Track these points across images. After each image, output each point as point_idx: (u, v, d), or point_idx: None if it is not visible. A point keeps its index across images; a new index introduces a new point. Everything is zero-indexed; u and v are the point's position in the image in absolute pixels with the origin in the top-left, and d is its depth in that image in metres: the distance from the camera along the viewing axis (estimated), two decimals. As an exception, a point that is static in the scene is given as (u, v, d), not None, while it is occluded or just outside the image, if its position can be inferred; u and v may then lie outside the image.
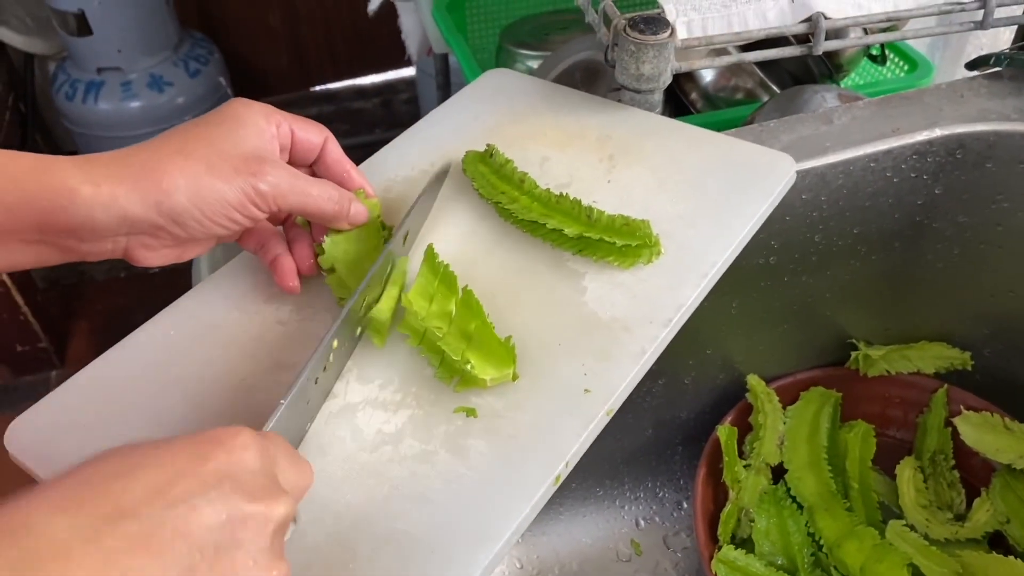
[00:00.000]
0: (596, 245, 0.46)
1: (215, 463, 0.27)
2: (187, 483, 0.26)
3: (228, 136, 0.41)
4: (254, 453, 0.28)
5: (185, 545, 0.25)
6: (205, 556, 0.25)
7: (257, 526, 0.27)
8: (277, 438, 0.32)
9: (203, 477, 0.26)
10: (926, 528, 0.63)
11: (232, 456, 0.28)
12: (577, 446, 0.38)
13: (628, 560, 0.70)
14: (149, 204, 0.38)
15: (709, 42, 0.58)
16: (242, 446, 0.28)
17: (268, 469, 0.29)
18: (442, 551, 0.34)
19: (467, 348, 0.40)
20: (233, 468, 0.27)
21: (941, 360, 0.70)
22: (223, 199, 0.39)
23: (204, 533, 0.26)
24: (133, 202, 0.37)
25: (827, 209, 0.60)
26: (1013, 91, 0.62)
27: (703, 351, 0.67)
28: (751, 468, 0.65)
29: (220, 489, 0.26)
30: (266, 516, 0.27)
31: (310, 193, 0.42)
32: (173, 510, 0.25)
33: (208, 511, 0.26)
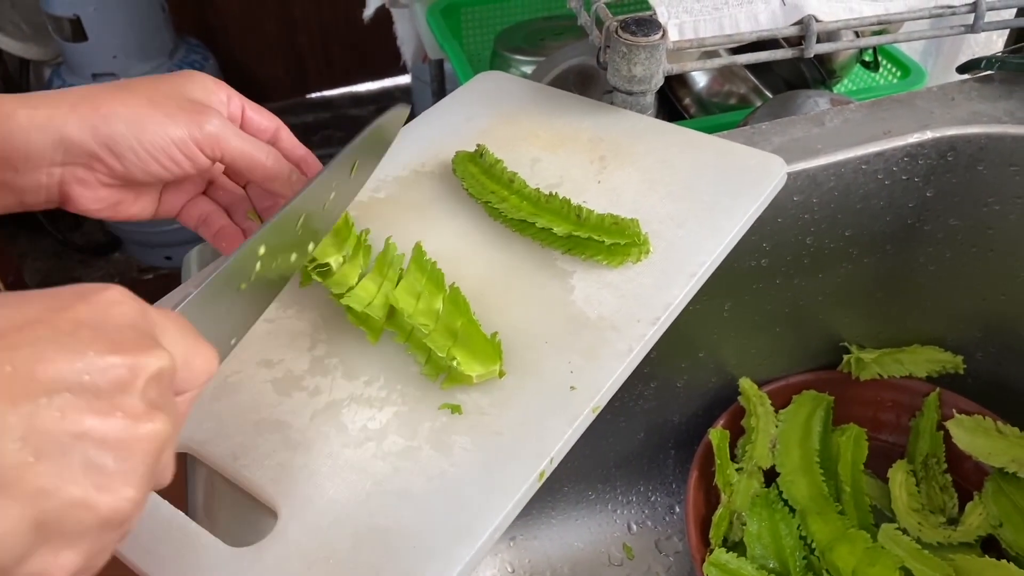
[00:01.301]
0: (585, 244, 0.46)
1: (73, 312, 0.24)
2: (37, 329, 0.23)
3: (175, 84, 0.40)
4: (126, 309, 0.25)
5: (26, 387, 0.22)
6: (55, 401, 0.22)
7: (122, 374, 0.24)
8: (173, 314, 0.29)
9: (56, 324, 0.23)
10: (918, 532, 0.62)
11: (96, 308, 0.25)
12: (562, 443, 0.38)
13: (620, 564, 0.70)
14: (85, 127, 0.37)
15: (701, 44, 0.58)
16: (109, 300, 0.25)
17: (142, 327, 0.26)
18: (424, 546, 0.34)
19: (453, 345, 0.40)
20: (97, 319, 0.24)
21: (933, 364, 0.70)
22: (164, 133, 0.38)
23: (53, 377, 0.22)
24: (70, 124, 0.37)
25: (819, 211, 0.60)
26: (1004, 94, 0.62)
27: (695, 354, 0.67)
28: (743, 471, 0.65)
29: (75, 336, 0.23)
30: (134, 365, 0.24)
31: (254, 144, 0.41)
32: (15, 352, 0.22)
33: (58, 356, 0.23)
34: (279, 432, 0.39)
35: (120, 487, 0.23)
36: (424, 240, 0.47)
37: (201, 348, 0.29)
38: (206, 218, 0.44)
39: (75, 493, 0.22)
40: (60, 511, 0.22)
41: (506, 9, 1.15)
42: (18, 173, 0.37)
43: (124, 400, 0.24)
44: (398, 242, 0.47)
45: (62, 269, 1.71)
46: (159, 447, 0.25)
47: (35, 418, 0.22)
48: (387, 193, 0.52)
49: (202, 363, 0.28)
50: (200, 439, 0.39)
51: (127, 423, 0.24)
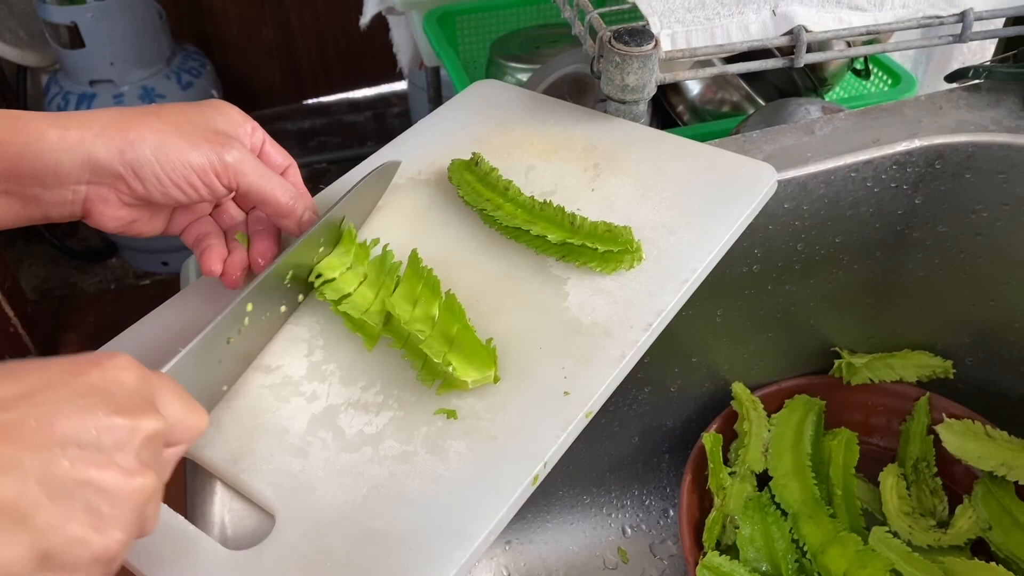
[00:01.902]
0: (579, 251, 0.47)
1: (88, 377, 0.28)
2: (57, 390, 0.27)
3: (203, 113, 0.42)
4: (130, 375, 0.29)
5: (46, 439, 0.26)
6: (67, 453, 0.26)
7: (122, 435, 0.28)
8: (167, 378, 0.33)
9: (74, 387, 0.28)
10: (909, 535, 0.63)
11: (107, 373, 0.29)
12: (556, 447, 0.38)
13: (615, 568, 0.71)
14: (113, 150, 0.39)
15: (693, 54, 0.59)
16: (118, 366, 0.29)
17: (144, 392, 0.30)
18: (419, 549, 0.35)
19: (449, 351, 0.41)
20: (106, 384, 0.28)
21: (923, 368, 0.70)
22: (187, 161, 0.40)
23: (68, 433, 0.27)
24: (98, 146, 0.39)
25: (809, 218, 0.60)
26: (991, 103, 0.63)
27: (689, 359, 0.67)
28: (736, 475, 0.65)
29: (89, 399, 0.28)
30: (133, 427, 0.28)
31: (270, 179, 0.43)
32: (39, 408, 0.26)
33: (73, 414, 0.27)
34: (277, 437, 0.40)
35: (111, 530, 0.27)
36: (420, 247, 0.48)
37: (193, 410, 0.33)
38: (203, 237, 0.46)
39: (75, 532, 0.26)
40: (62, 545, 0.26)
41: (502, 17, 1.16)
42: (46, 189, 0.40)
43: (121, 457, 0.28)
44: (395, 249, 0.47)
45: (59, 275, 1.71)
46: (146, 499, 0.29)
47: (50, 465, 0.26)
48: (384, 200, 0.53)
49: (193, 423, 0.33)
50: (199, 444, 0.39)
51: (122, 477, 0.28)
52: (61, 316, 1.61)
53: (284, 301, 0.44)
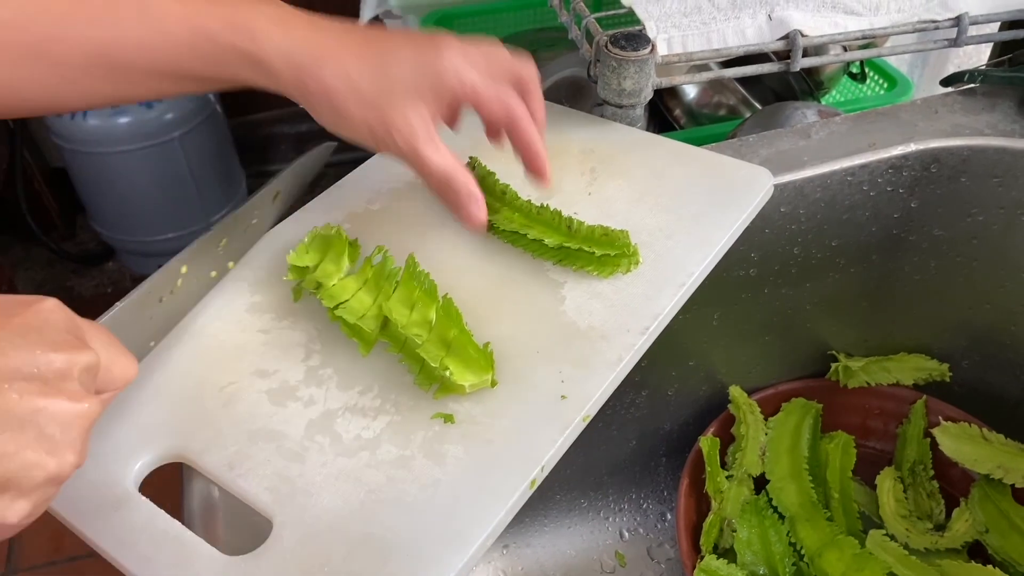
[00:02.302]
0: (576, 255, 0.47)
1: (20, 319, 0.30)
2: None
3: (409, 52, 0.43)
4: (60, 316, 0.31)
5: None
6: (14, 386, 0.28)
7: (63, 365, 0.30)
8: (97, 325, 0.34)
9: (10, 328, 0.29)
10: (906, 538, 0.63)
11: (38, 315, 0.30)
12: (553, 451, 0.38)
13: (612, 572, 0.71)
14: (311, 86, 0.42)
15: (689, 59, 0.59)
16: (48, 308, 0.31)
17: (75, 331, 0.31)
18: (417, 554, 0.35)
19: (446, 355, 0.41)
20: (40, 324, 0.30)
21: (920, 371, 0.71)
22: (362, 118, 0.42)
23: (11, 367, 0.28)
24: (294, 86, 0.42)
25: (805, 222, 0.61)
26: (987, 107, 0.63)
27: (686, 363, 0.67)
28: (733, 479, 0.65)
29: (26, 337, 0.29)
30: (71, 359, 0.30)
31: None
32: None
33: (13, 352, 0.29)
34: (274, 442, 0.40)
35: (64, 452, 0.29)
36: (417, 250, 0.48)
37: (122, 356, 0.34)
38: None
39: (30, 457, 0.28)
40: (17, 471, 0.28)
41: (499, 21, 1.16)
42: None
43: (65, 386, 0.30)
44: (392, 253, 0.47)
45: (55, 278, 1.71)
46: (91, 423, 0.31)
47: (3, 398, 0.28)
48: (381, 204, 0.53)
49: (121, 369, 0.34)
50: (196, 449, 0.39)
51: (69, 403, 0.29)
52: (58, 320, 1.61)
53: (215, 266, 0.46)
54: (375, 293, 0.45)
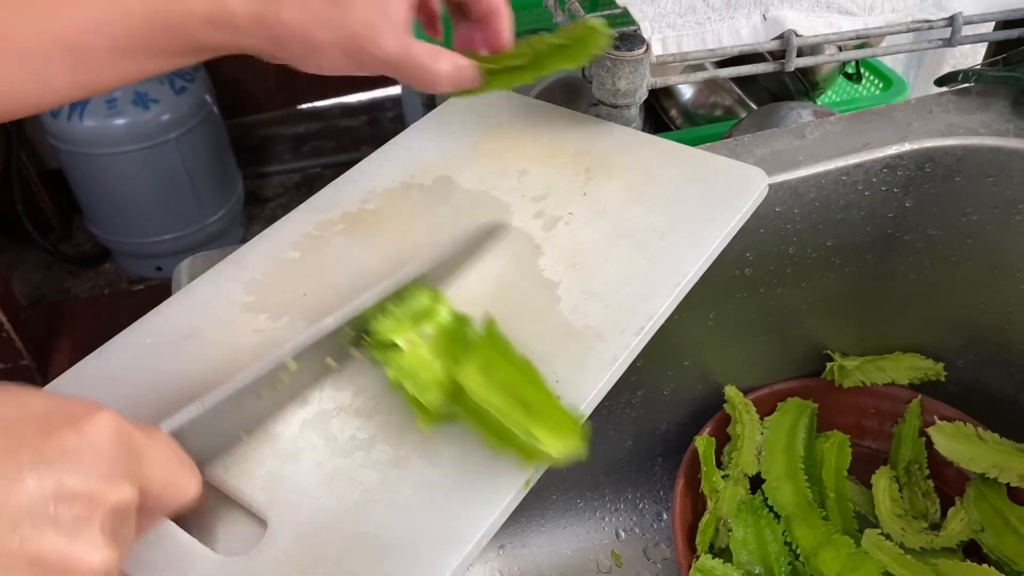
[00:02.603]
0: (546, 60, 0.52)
1: (59, 439, 0.26)
2: (20, 455, 0.25)
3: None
4: (109, 437, 0.27)
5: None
6: (17, 529, 0.24)
7: (84, 508, 0.26)
8: (162, 437, 0.31)
9: (41, 451, 0.26)
10: (901, 537, 0.63)
11: (81, 437, 0.27)
12: (548, 451, 0.38)
13: (608, 572, 0.71)
14: (274, 44, 0.43)
15: (684, 59, 0.59)
16: (98, 428, 0.27)
17: (122, 459, 0.28)
18: (412, 554, 0.35)
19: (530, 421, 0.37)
20: (79, 449, 0.26)
21: (915, 371, 0.71)
22: (331, 64, 0.44)
23: (21, 506, 0.24)
24: (259, 40, 0.42)
25: (800, 222, 0.61)
26: (981, 106, 0.63)
27: (681, 363, 0.67)
28: (729, 478, 0.66)
29: (54, 466, 0.25)
30: (98, 498, 0.26)
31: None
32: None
33: (32, 484, 0.25)
34: (269, 442, 0.39)
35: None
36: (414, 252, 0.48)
37: (181, 475, 0.31)
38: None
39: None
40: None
41: (495, 22, 1.16)
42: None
43: (80, 533, 0.26)
44: (386, 253, 0.47)
45: (52, 280, 1.71)
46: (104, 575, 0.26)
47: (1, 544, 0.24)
48: (375, 205, 0.53)
49: (177, 491, 0.31)
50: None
51: (77, 555, 0.25)
52: (54, 322, 1.61)
53: (332, 354, 0.41)
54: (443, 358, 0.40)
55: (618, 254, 0.48)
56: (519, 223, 0.51)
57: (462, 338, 0.42)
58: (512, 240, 0.50)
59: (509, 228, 0.50)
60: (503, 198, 0.53)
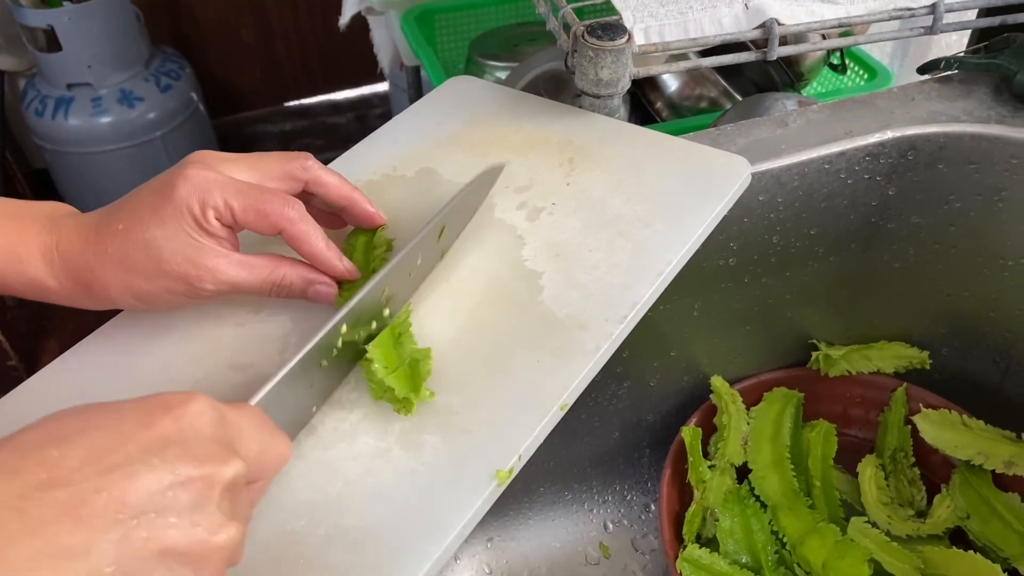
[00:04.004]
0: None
1: (160, 428, 0.26)
2: (127, 449, 0.25)
3: (165, 244, 0.39)
4: (207, 420, 0.28)
5: (119, 513, 0.24)
6: (142, 523, 0.25)
7: (201, 488, 0.26)
8: (251, 410, 0.32)
9: (146, 443, 0.26)
10: (888, 525, 0.63)
11: (181, 422, 0.27)
12: (530, 440, 0.38)
13: (597, 563, 0.71)
14: (104, 303, 0.41)
15: (666, 48, 0.59)
16: (194, 412, 0.28)
17: (222, 437, 0.28)
18: (394, 545, 0.34)
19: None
20: (182, 434, 0.27)
21: (900, 359, 0.71)
22: (168, 303, 0.41)
23: (142, 499, 0.25)
24: (90, 304, 0.41)
25: (784, 211, 0.61)
26: (963, 94, 0.63)
27: (667, 353, 0.67)
28: (716, 468, 0.66)
29: (163, 455, 0.26)
30: (211, 478, 0.27)
31: (248, 283, 0.42)
32: (108, 476, 0.25)
33: (147, 477, 0.25)
34: (250, 434, 0.39)
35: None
36: (393, 242, 0.48)
37: (275, 442, 0.32)
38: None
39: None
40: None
41: (480, 16, 1.16)
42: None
43: (201, 516, 0.26)
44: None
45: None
46: (231, 552, 0.27)
47: (125, 542, 0.24)
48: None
49: (274, 457, 0.32)
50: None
51: (204, 537, 0.26)
52: (41, 321, 1.60)
53: (375, 317, 0.42)
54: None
55: (601, 244, 0.48)
56: (502, 214, 0.51)
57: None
58: (495, 231, 0.50)
59: (502, 170, 0.52)
60: (486, 189, 0.53)
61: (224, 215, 0.40)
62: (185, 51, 1.78)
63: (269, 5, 1.90)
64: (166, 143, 1.62)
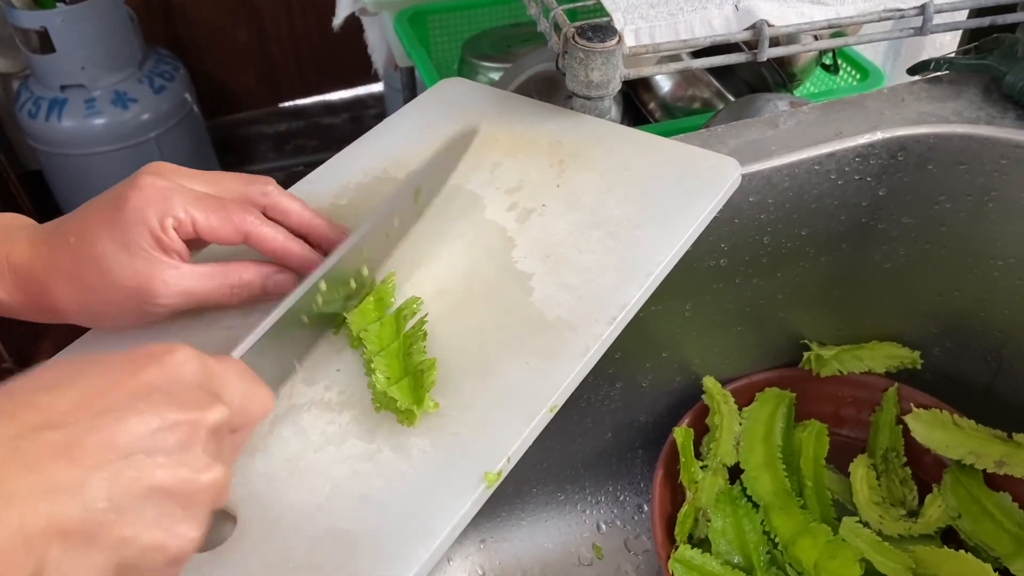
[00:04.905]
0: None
1: (147, 376, 0.28)
2: (116, 394, 0.27)
3: (115, 257, 0.38)
4: (191, 368, 0.29)
5: (109, 453, 0.26)
6: (132, 463, 0.26)
7: (186, 431, 0.27)
8: (233, 362, 0.33)
9: (133, 389, 0.27)
10: (879, 525, 0.63)
11: (166, 370, 0.28)
12: (520, 442, 0.38)
13: (590, 564, 0.71)
14: (54, 317, 0.40)
15: (656, 49, 0.59)
16: (178, 362, 0.29)
17: (206, 384, 0.29)
18: (382, 547, 0.34)
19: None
20: (167, 381, 0.28)
21: (892, 359, 0.71)
22: (118, 320, 0.41)
23: (130, 441, 0.26)
24: (41, 316, 0.41)
25: (774, 211, 0.61)
26: (952, 95, 0.64)
27: (659, 354, 0.68)
28: (708, 469, 0.66)
29: (149, 400, 0.27)
30: (196, 422, 0.28)
31: (203, 294, 0.41)
32: (99, 419, 0.26)
33: (136, 420, 0.26)
34: (239, 438, 0.39)
35: (186, 531, 0.27)
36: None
37: (258, 392, 0.33)
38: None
39: (149, 540, 0.26)
40: (137, 555, 0.26)
41: (473, 17, 1.16)
42: None
43: (188, 456, 0.27)
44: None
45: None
46: (217, 492, 0.29)
47: (116, 480, 0.26)
48: (349, 199, 0.53)
49: (258, 406, 0.33)
50: (160, 446, 0.39)
51: (190, 476, 0.27)
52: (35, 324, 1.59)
53: (354, 276, 0.43)
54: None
55: (591, 245, 0.48)
56: (492, 215, 0.51)
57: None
58: (485, 232, 0.50)
59: (476, 133, 0.53)
60: (476, 191, 0.53)
61: (185, 224, 0.39)
62: (179, 52, 1.78)
63: (263, 6, 1.90)
64: (160, 144, 1.61)
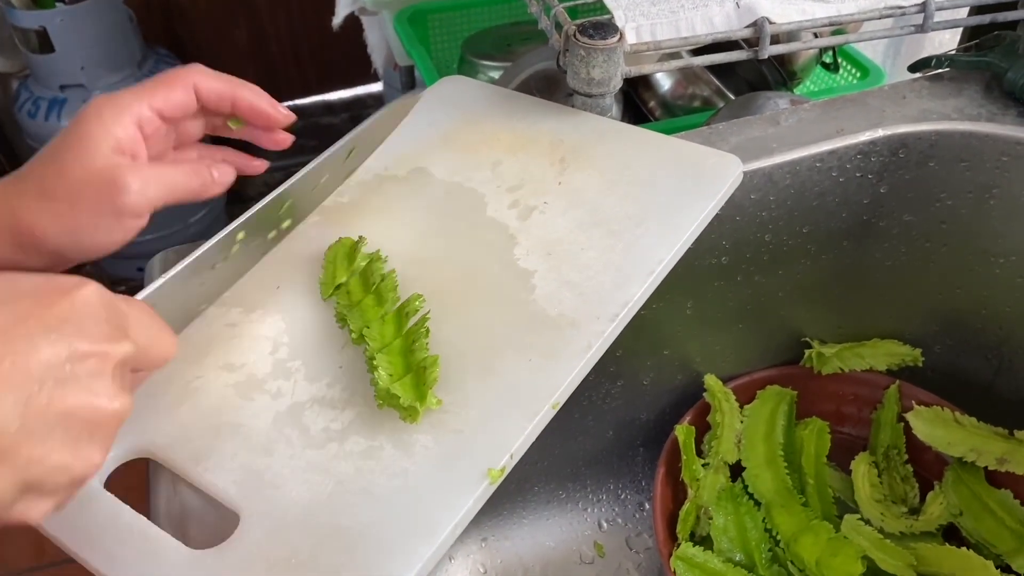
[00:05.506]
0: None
1: (58, 309, 0.29)
2: (28, 325, 0.28)
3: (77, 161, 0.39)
4: (98, 303, 0.30)
5: (22, 377, 0.27)
6: (43, 388, 0.27)
7: (96, 363, 0.29)
8: (140, 304, 0.34)
9: (45, 320, 0.29)
10: (881, 522, 0.63)
11: (75, 304, 0.30)
12: (522, 440, 0.38)
13: (591, 562, 0.71)
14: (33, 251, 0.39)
15: (657, 47, 0.59)
16: (85, 299, 0.30)
17: (113, 320, 0.31)
18: (385, 545, 0.34)
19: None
20: (77, 315, 0.29)
21: (893, 357, 0.71)
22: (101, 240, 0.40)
23: (42, 368, 0.28)
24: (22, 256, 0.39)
25: (776, 209, 0.61)
26: (953, 92, 0.64)
27: (660, 352, 0.68)
28: (709, 467, 0.66)
29: (61, 331, 0.29)
30: (105, 354, 0.29)
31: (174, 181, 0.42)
32: (12, 345, 0.27)
33: (47, 350, 0.28)
34: (241, 435, 0.39)
35: (91, 455, 0.29)
36: (386, 243, 0.48)
37: (162, 336, 0.34)
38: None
39: (56, 461, 0.28)
40: (44, 474, 0.28)
41: (473, 16, 1.16)
42: None
43: (97, 384, 0.29)
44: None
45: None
46: (121, 422, 0.31)
47: (29, 403, 0.27)
48: (350, 197, 0.53)
49: (159, 350, 0.34)
50: (162, 444, 0.39)
51: (100, 403, 0.29)
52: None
53: (274, 227, 0.43)
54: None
55: (592, 243, 0.48)
56: (494, 213, 0.51)
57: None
58: (487, 230, 0.50)
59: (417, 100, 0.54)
60: (478, 188, 0.53)
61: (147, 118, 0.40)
62: (179, 52, 1.78)
63: (262, 6, 1.89)
64: (159, 144, 1.61)
